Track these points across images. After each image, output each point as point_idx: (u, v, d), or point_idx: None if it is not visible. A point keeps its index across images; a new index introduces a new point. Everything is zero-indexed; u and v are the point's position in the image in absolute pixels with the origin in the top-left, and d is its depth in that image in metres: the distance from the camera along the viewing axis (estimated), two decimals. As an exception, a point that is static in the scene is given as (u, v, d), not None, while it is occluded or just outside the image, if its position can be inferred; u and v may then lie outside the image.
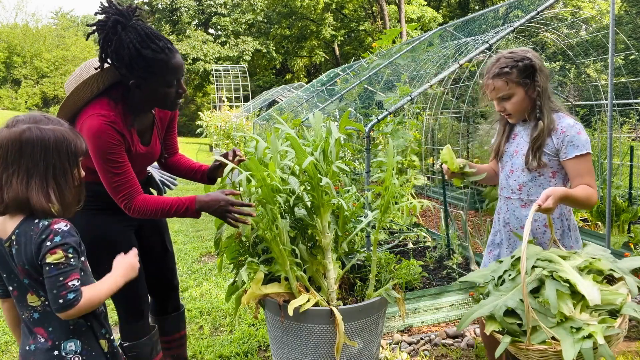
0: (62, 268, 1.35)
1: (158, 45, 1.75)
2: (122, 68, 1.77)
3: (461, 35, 5.29)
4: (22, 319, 1.49)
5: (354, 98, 5.69)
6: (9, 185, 1.37)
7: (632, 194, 4.78)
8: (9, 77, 33.05)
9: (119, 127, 1.81)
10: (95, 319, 1.52)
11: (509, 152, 2.07)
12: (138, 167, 1.98)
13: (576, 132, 1.90)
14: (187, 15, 27.75)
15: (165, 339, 2.35)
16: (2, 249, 1.42)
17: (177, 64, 1.81)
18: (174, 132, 2.22)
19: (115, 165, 1.79)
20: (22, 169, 1.38)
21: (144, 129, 1.99)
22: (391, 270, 2.10)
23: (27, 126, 1.39)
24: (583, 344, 1.40)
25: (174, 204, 1.84)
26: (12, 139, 1.38)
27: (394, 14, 26.43)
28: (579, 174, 1.90)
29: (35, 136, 1.38)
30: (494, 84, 1.94)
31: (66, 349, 1.45)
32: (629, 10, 11.07)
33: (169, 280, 2.33)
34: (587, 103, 5.97)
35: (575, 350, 1.39)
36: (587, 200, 1.85)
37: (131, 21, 1.77)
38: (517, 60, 1.92)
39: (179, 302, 2.40)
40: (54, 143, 1.40)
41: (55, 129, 1.42)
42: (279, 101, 14.74)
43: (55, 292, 1.34)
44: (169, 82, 1.82)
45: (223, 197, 1.82)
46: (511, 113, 1.98)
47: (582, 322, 1.47)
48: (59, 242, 1.35)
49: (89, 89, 1.82)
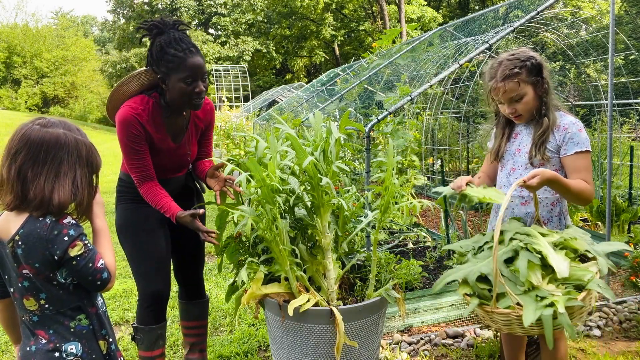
0: (86, 256, 1.43)
1: (181, 46, 2.03)
2: (153, 64, 2.08)
3: (461, 35, 5.29)
4: (22, 320, 1.49)
5: (354, 98, 5.69)
6: (36, 183, 1.40)
7: (632, 194, 4.78)
8: (9, 77, 33.01)
9: (143, 120, 2.09)
10: (98, 319, 1.53)
11: (510, 151, 2.07)
12: (171, 162, 2.27)
13: (577, 129, 1.91)
14: (187, 15, 27.74)
15: (185, 323, 2.58)
16: (4, 250, 1.41)
17: (193, 63, 2.03)
18: (208, 140, 2.44)
19: (133, 150, 2.10)
20: (52, 170, 1.42)
21: (177, 129, 2.24)
22: (391, 270, 2.10)
23: (63, 131, 1.45)
24: (544, 311, 1.48)
25: (163, 208, 2.14)
26: (48, 139, 1.42)
27: (394, 14, 26.43)
28: (577, 170, 1.90)
29: (71, 143, 1.45)
30: (506, 86, 1.92)
31: (67, 350, 1.45)
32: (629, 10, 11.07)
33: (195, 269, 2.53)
34: (587, 103, 5.97)
35: (535, 315, 1.48)
36: (579, 193, 1.84)
37: (170, 29, 2.07)
38: (524, 60, 1.93)
39: (204, 291, 2.59)
40: (85, 153, 1.48)
41: (85, 141, 1.50)
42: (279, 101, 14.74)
43: (91, 279, 1.44)
44: (184, 78, 2.03)
45: (195, 226, 2.11)
46: (522, 114, 1.97)
47: (548, 292, 1.55)
48: (75, 235, 1.41)
49: (127, 85, 2.14)
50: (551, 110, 1.96)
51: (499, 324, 1.61)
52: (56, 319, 1.46)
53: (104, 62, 31.48)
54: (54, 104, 33.50)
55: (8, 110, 28.71)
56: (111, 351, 1.56)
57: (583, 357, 2.69)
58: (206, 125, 2.37)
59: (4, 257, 1.43)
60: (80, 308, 1.49)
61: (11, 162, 1.40)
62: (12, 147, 1.41)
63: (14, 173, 1.40)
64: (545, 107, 1.95)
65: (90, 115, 33.35)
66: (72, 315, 1.48)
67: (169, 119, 2.19)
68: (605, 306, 3.22)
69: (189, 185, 2.44)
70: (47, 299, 1.44)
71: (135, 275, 2.29)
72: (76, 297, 1.48)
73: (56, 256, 1.38)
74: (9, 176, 1.40)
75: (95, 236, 1.57)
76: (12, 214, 1.42)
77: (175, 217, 2.11)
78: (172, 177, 2.33)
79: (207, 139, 2.43)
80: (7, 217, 1.43)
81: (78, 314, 1.49)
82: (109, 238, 1.58)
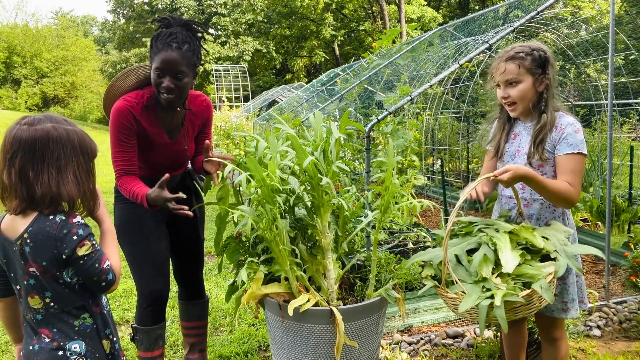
0: (93, 256, 1.43)
1: (166, 40, 2.01)
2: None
3: (461, 35, 5.28)
4: (26, 319, 1.49)
5: (354, 98, 5.68)
6: (40, 182, 1.39)
7: (632, 194, 4.78)
8: (9, 77, 32.98)
9: (136, 112, 2.10)
10: (102, 318, 1.53)
11: (510, 152, 2.06)
12: (167, 158, 2.27)
13: (573, 130, 1.90)
14: (187, 15, 27.74)
15: (184, 324, 2.58)
16: (10, 248, 1.42)
17: (165, 57, 2.00)
18: (206, 136, 2.42)
19: (120, 142, 2.10)
20: (53, 166, 1.41)
21: (172, 125, 2.24)
22: (391, 270, 2.10)
23: (52, 125, 1.43)
24: (482, 301, 1.59)
25: (134, 195, 2.09)
26: (39, 136, 1.41)
27: (394, 14, 26.42)
28: (564, 171, 1.88)
29: (62, 134, 1.43)
30: (506, 66, 1.93)
31: (70, 349, 1.45)
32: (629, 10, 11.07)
33: (194, 270, 2.53)
34: (587, 103, 5.97)
35: (472, 303, 1.60)
36: (555, 193, 1.82)
37: (177, 25, 2.07)
38: (533, 49, 1.94)
39: (203, 292, 2.58)
40: (78, 142, 1.47)
41: (75, 130, 1.48)
42: (279, 101, 14.73)
43: (96, 279, 1.44)
44: (154, 69, 2.03)
45: (162, 196, 1.99)
46: (515, 101, 1.96)
47: (495, 285, 1.65)
48: (84, 235, 1.42)
49: (122, 81, 2.16)
50: (550, 109, 1.95)
51: (450, 307, 1.77)
52: (60, 317, 1.46)
53: (104, 62, 31.48)
54: (54, 104, 33.46)
55: (8, 110, 28.71)
56: (115, 351, 1.56)
57: (583, 357, 2.69)
58: (203, 121, 2.36)
59: (10, 255, 1.43)
60: (85, 307, 1.49)
61: (10, 167, 1.39)
62: (7, 152, 1.40)
63: (15, 177, 1.39)
64: (544, 104, 1.95)
65: (90, 115, 33.32)
66: (77, 314, 1.48)
67: (163, 114, 2.19)
68: (605, 306, 3.22)
69: (187, 184, 2.44)
70: (52, 297, 1.44)
71: (135, 276, 2.28)
72: (81, 297, 1.48)
73: (64, 255, 1.38)
74: (11, 181, 1.39)
75: (103, 238, 1.57)
76: (19, 215, 1.42)
77: (146, 197, 2.03)
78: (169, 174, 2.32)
79: (205, 136, 2.42)
80: (13, 217, 1.42)
81: (82, 313, 1.49)
82: (115, 240, 1.58)
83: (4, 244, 1.43)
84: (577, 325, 2.93)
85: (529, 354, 2.41)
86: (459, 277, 1.73)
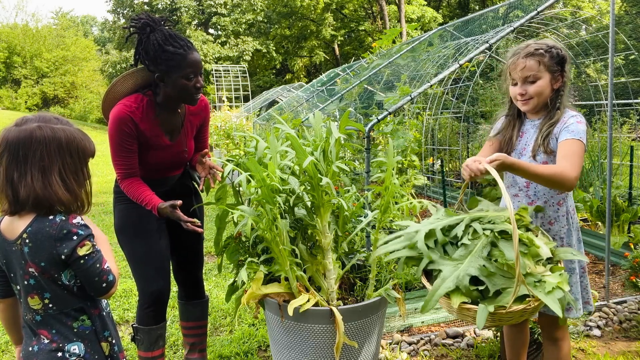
0: (94, 257, 1.42)
1: (179, 43, 2.04)
2: (150, 64, 2.07)
3: (461, 35, 5.28)
4: (25, 320, 1.49)
5: (354, 98, 5.68)
6: (24, 183, 1.37)
7: (632, 194, 4.77)
8: (9, 77, 32.99)
9: (137, 117, 2.09)
10: (100, 320, 1.52)
11: (517, 149, 2.05)
12: (167, 160, 2.27)
13: (575, 120, 1.91)
14: (187, 15, 27.73)
15: (184, 324, 2.58)
16: (10, 249, 1.41)
17: (194, 59, 2.06)
18: (204, 135, 2.44)
19: (122, 148, 2.11)
20: (36, 167, 1.38)
21: (172, 127, 2.24)
22: (391, 270, 2.10)
23: (37, 125, 1.40)
24: (556, 294, 1.47)
25: (144, 201, 2.13)
26: (22, 137, 1.38)
27: (394, 14, 26.43)
28: (562, 155, 1.84)
29: (47, 134, 1.40)
30: (526, 62, 1.91)
31: (69, 351, 1.45)
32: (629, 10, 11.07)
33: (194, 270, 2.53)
34: (587, 103, 5.96)
35: (555, 302, 1.45)
36: (546, 176, 1.76)
37: (160, 26, 2.08)
38: (551, 46, 1.94)
39: (203, 291, 2.59)
40: (65, 142, 1.42)
41: (65, 129, 1.44)
42: (279, 101, 14.72)
43: (97, 280, 1.43)
44: (186, 74, 2.06)
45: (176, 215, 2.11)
46: (532, 97, 1.94)
47: (541, 275, 1.54)
48: (84, 235, 1.40)
49: (122, 85, 2.14)
50: (563, 106, 1.96)
51: (510, 320, 1.53)
52: (59, 319, 1.45)
53: (104, 62, 31.49)
54: (54, 104, 33.46)
55: (8, 110, 28.72)
56: (114, 353, 1.56)
57: (583, 357, 2.69)
58: (201, 121, 2.38)
59: (9, 255, 1.42)
60: (83, 309, 1.49)
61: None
62: None
63: (2, 178, 1.38)
64: (560, 101, 1.95)
65: (90, 115, 33.29)
66: (75, 316, 1.47)
67: (163, 117, 2.19)
68: (605, 306, 3.22)
69: (187, 184, 2.44)
70: (51, 298, 1.44)
71: (135, 276, 2.28)
72: (80, 299, 1.48)
73: (63, 255, 1.38)
74: (0, 182, 1.39)
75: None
76: (15, 216, 1.42)
77: (157, 209, 2.10)
78: (169, 175, 2.33)
79: (202, 135, 2.44)
80: (11, 218, 1.42)
81: (81, 315, 1.48)
82: (108, 245, 1.56)
83: (3, 245, 1.43)
84: (577, 325, 2.92)
85: (529, 354, 2.41)
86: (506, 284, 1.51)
